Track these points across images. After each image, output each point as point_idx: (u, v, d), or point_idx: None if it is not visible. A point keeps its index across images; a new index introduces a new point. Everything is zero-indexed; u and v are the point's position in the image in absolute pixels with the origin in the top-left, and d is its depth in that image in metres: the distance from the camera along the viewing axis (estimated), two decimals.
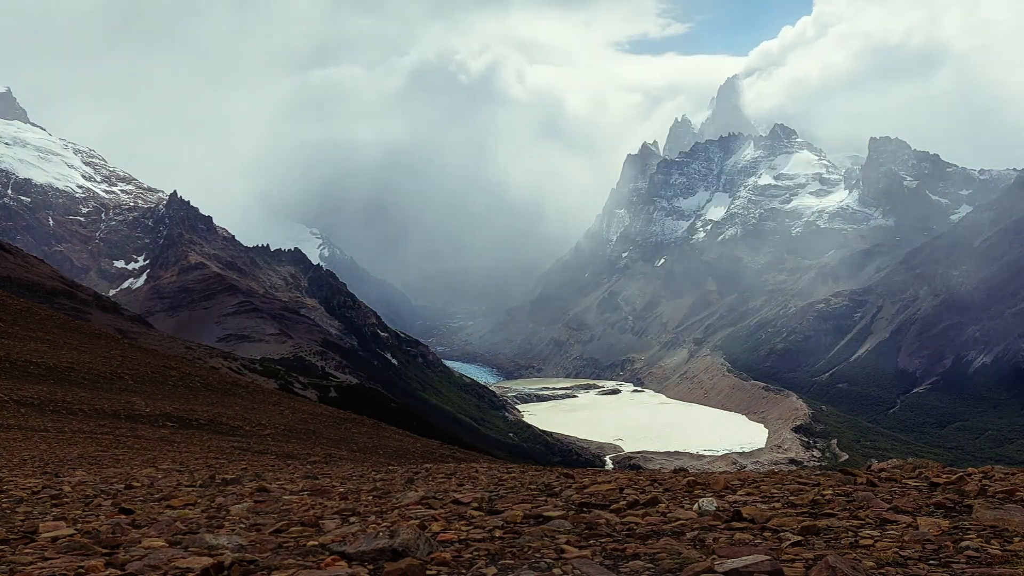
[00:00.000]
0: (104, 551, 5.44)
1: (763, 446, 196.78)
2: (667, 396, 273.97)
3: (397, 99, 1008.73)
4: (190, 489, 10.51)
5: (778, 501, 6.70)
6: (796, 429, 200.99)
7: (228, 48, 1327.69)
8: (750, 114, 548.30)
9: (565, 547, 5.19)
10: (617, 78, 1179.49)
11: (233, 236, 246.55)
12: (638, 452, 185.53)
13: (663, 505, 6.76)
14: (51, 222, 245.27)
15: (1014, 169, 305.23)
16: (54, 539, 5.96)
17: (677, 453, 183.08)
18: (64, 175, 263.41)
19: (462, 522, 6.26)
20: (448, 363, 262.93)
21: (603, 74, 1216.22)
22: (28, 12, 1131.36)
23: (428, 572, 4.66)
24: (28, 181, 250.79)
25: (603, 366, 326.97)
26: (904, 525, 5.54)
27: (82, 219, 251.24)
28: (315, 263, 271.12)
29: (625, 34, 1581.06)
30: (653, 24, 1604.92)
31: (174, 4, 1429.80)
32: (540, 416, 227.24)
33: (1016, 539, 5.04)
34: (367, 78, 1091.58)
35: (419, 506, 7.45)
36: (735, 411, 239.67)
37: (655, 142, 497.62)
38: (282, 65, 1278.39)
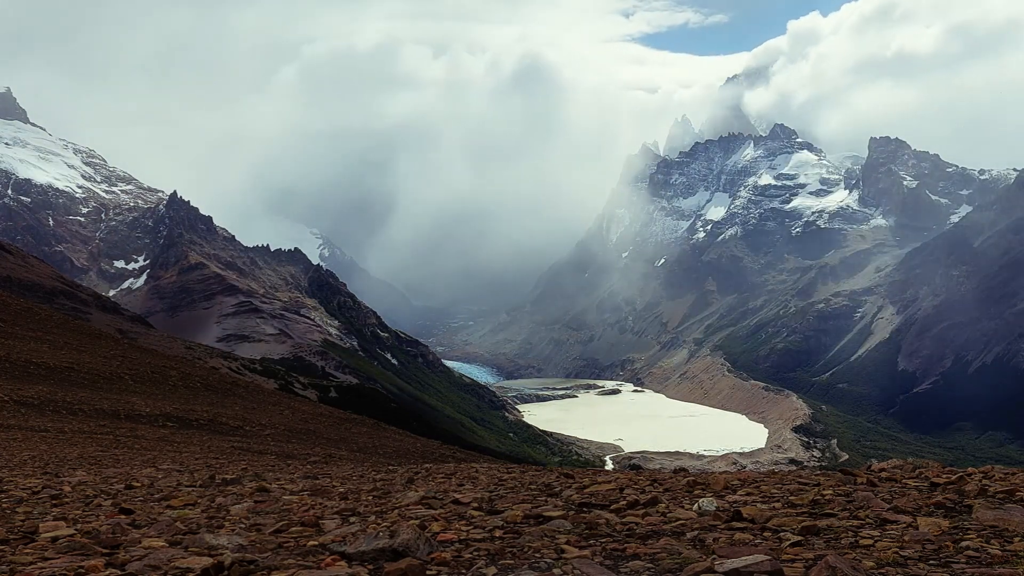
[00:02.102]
0: (104, 551, 5.45)
1: (763, 446, 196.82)
2: (667, 396, 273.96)
3: (393, 97, 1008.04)
4: (190, 489, 10.51)
5: (778, 501, 6.70)
6: (796, 429, 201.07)
7: (230, 43, 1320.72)
8: (751, 113, 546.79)
9: (565, 547, 5.19)
10: (631, 77, 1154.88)
11: (233, 236, 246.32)
12: (638, 452, 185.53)
13: (663, 505, 6.77)
14: (51, 222, 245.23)
15: (1014, 169, 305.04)
16: (54, 539, 5.97)
17: (677, 453, 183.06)
18: (64, 175, 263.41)
19: (462, 522, 6.27)
20: (448, 363, 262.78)
21: (620, 72, 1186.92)
22: (28, 10, 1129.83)
23: (428, 572, 4.67)
24: (28, 181, 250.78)
25: (603, 366, 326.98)
26: (904, 525, 5.54)
27: (82, 219, 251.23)
28: (315, 263, 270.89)
29: (665, 24, 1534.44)
30: (694, 14, 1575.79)
31: None
32: (540, 416, 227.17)
33: (1016, 539, 5.04)
34: (366, 73, 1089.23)
35: (419, 506, 7.46)
36: (735, 411, 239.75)
37: (655, 142, 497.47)
38: (287, 58, 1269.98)
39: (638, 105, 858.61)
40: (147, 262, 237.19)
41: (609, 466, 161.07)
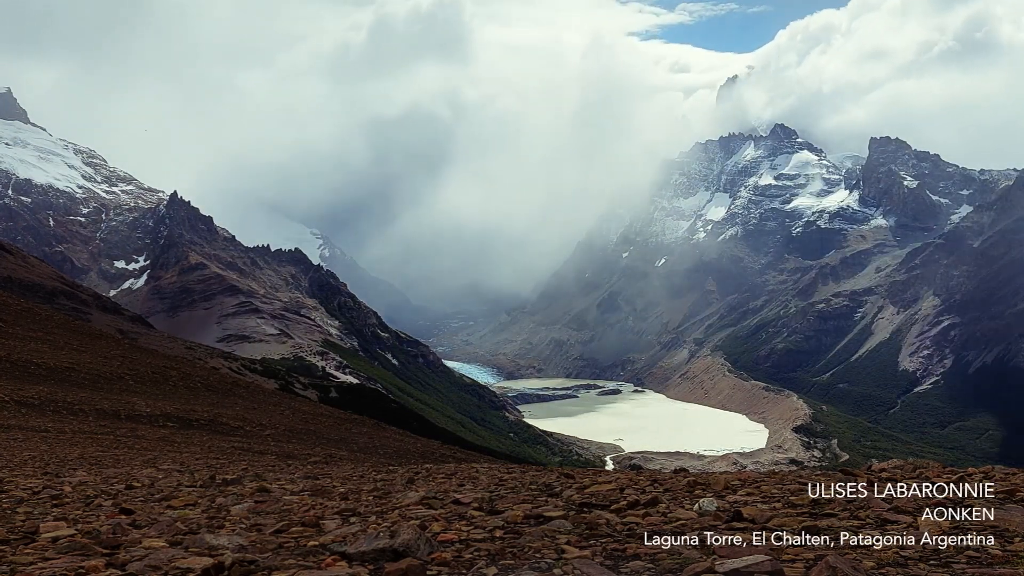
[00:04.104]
0: (104, 551, 5.45)
1: (763, 446, 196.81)
2: (667, 396, 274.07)
3: (393, 97, 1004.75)
4: (190, 489, 10.52)
5: (778, 501, 6.71)
6: (796, 429, 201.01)
7: (234, 40, 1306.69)
8: (751, 111, 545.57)
9: (565, 547, 5.19)
10: (670, 80, 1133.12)
11: (233, 236, 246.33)
12: (638, 452, 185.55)
13: (664, 505, 6.77)
14: (51, 222, 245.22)
15: (1014, 169, 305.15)
16: (55, 539, 5.97)
17: (677, 453, 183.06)
18: (64, 175, 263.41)
19: (462, 522, 6.27)
20: (448, 363, 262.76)
21: (654, 73, 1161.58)
22: (28, 9, 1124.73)
23: (428, 572, 4.67)
24: (28, 181, 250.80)
25: (603, 366, 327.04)
26: (904, 525, 5.54)
27: (82, 219, 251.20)
28: (315, 263, 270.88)
29: (706, 15, 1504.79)
30: (736, 4, 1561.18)
31: None
32: (540, 416, 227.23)
33: (1016, 539, 5.05)
34: (367, 72, 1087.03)
35: (419, 506, 7.46)
36: (735, 411, 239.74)
37: (654, 141, 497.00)
38: (290, 56, 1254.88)
39: (668, 108, 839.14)
40: (147, 262, 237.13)
41: (609, 466, 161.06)
